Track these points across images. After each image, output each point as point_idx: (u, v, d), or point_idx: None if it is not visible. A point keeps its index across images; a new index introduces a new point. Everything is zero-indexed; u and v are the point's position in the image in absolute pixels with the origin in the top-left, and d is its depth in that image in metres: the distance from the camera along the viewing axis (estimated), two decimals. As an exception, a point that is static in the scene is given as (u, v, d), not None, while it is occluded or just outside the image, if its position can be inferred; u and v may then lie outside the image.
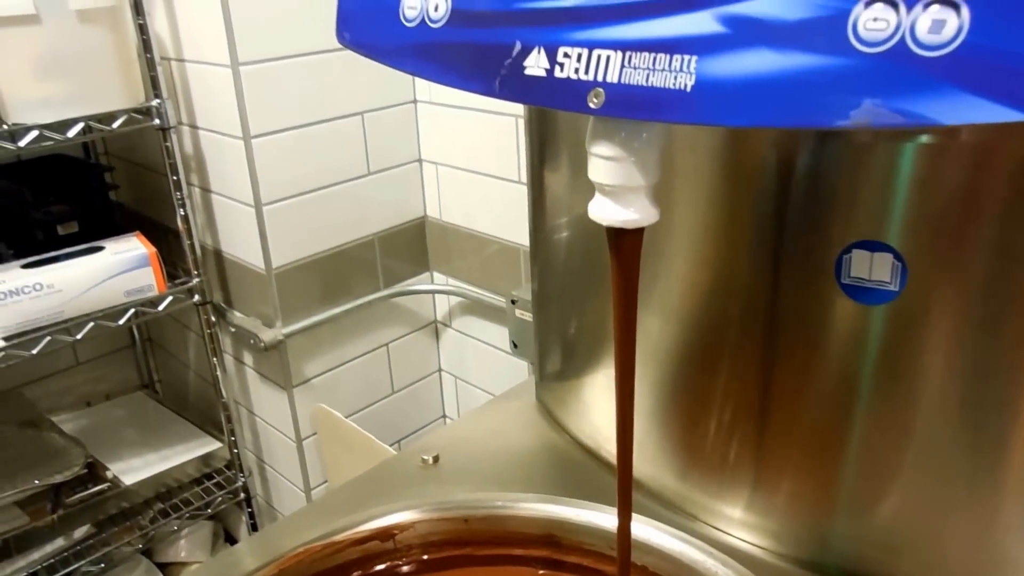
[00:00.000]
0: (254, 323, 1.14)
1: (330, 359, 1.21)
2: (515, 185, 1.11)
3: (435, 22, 0.44)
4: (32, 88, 1.01)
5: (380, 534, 0.57)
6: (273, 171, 1.08)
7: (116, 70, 1.06)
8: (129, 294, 1.09)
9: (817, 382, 0.50)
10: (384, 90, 1.17)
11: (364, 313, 1.22)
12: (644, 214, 0.40)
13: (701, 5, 0.35)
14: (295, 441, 1.21)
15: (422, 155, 1.23)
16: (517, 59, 0.41)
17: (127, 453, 1.27)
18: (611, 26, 0.37)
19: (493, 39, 0.42)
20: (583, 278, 0.63)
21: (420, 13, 0.45)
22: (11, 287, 1.01)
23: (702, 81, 0.35)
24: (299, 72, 1.07)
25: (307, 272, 1.15)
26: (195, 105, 1.13)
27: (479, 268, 1.21)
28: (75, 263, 1.06)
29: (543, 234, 0.67)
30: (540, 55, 0.40)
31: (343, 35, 0.50)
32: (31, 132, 0.98)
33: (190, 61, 1.10)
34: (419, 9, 0.45)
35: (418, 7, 0.45)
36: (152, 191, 1.30)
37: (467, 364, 1.31)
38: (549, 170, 0.65)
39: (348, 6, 0.49)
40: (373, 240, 1.21)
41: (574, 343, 0.66)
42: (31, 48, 0.99)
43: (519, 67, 0.41)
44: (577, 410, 0.67)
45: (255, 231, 1.09)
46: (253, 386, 1.26)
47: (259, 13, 1.02)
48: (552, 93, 0.39)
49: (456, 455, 0.65)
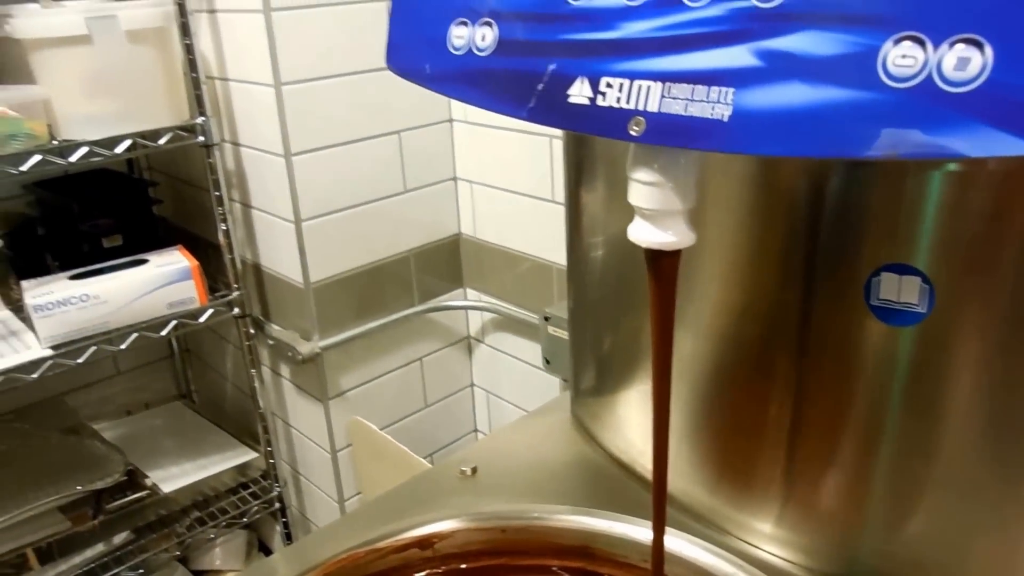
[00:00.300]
0: (292, 336, 1.18)
1: (365, 372, 1.24)
2: (548, 204, 1.13)
3: (482, 51, 0.47)
4: (82, 105, 1.05)
5: (420, 542, 0.59)
6: (312, 188, 1.12)
7: (163, 88, 1.10)
8: (171, 306, 1.13)
9: (846, 400, 0.51)
10: (421, 110, 1.20)
11: (399, 328, 1.25)
12: (681, 237, 0.42)
13: (738, 40, 0.37)
14: (330, 452, 1.24)
15: (457, 173, 1.26)
16: (561, 87, 0.43)
17: (165, 461, 1.31)
18: (652, 58, 0.40)
19: (538, 68, 0.44)
20: (618, 296, 0.66)
21: (467, 43, 0.48)
22: (59, 297, 1.05)
23: (739, 112, 0.37)
24: (339, 92, 1.11)
25: (344, 287, 1.18)
26: (237, 123, 1.17)
27: (512, 285, 1.24)
28: (120, 275, 1.10)
29: (579, 253, 0.69)
30: (583, 84, 0.42)
31: (393, 62, 0.52)
32: (81, 148, 1.03)
33: (234, 80, 1.14)
34: (466, 39, 0.48)
35: (465, 37, 0.48)
36: (193, 206, 1.34)
37: (499, 379, 1.34)
38: (586, 191, 0.68)
39: (398, 35, 0.52)
40: (408, 256, 1.24)
41: (609, 360, 0.69)
42: (82, 67, 1.03)
43: (563, 95, 0.43)
44: (611, 425, 0.68)
45: (294, 246, 1.13)
46: (289, 398, 1.29)
47: (302, 34, 1.06)
48: (594, 121, 0.42)
49: (493, 467, 0.67)
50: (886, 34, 0.33)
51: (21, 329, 1.11)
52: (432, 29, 0.50)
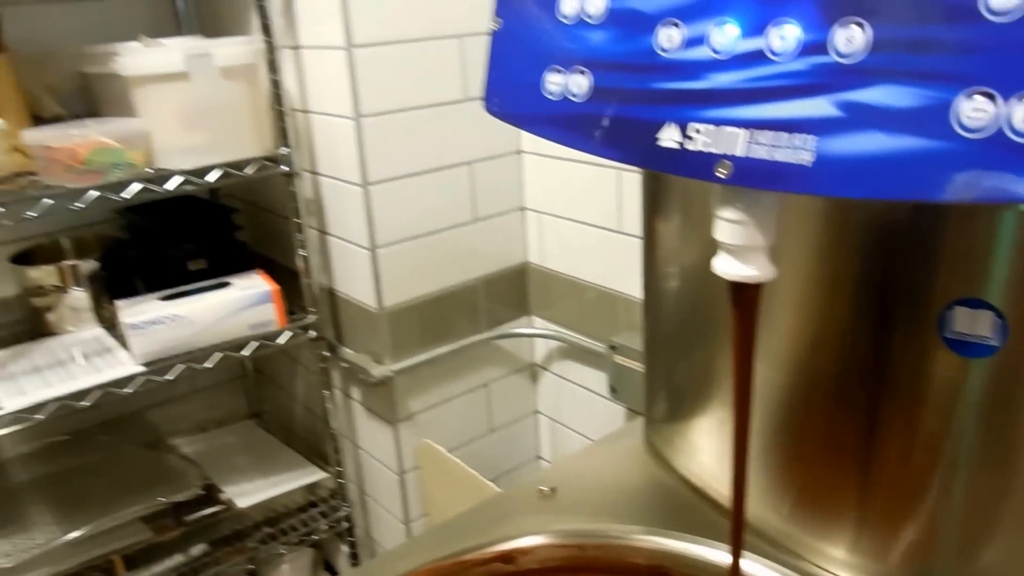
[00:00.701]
0: (364, 359, 1.23)
1: (433, 396, 1.29)
2: (615, 234, 1.17)
3: (576, 97, 0.52)
4: (177, 137, 1.12)
5: (503, 557, 0.63)
6: (388, 216, 1.17)
7: (250, 121, 1.17)
8: (252, 327, 1.19)
9: (920, 428, 0.54)
10: (491, 141, 1.25)
11: (466, 353, 1.30)
12: (763, 271, 0.46)
13: (820, 92, 0.41)
14: (398, 474, 1.29)
15: (525, 203, 1.31)
16: (651, 132, 0.48)
17: (239, 478, 1.37)
18: (738, 107, 0.44)
19: (630, 114, 0.48)
20: (693, 326, 0.69)
21: (562, 89, 0.53)
22: (151, 317, 1.12)
23: (820, 157, 0.41)
24: (415, 124, 1.17)
25: (414, 312, 1.23)
26: (317, 153, 1.24)
27: (577, 313, 1.28)
28: (206, 297, 1.17)
29: (655, 283, 0.73)
30: (673, 130, 0.46)
31: (490, 105, 0.57)
32: (176, 177, 1.10)
33: (315, 112, 1.21)
34: (561, 86, 0.53)
35: (561, 84, 0.53)
36: (270, 231, 1.41)
37: (563, 407, 1.37)
38: (662, 224, 0.72)
39: (496, 80, 0.57)
40: (477, 284, 1.29)
41: (683, 387, 0.72)
42: (179, 101, 1.11)
43: (653, 139, 0.48)
44: (685, 450, 0.72)
45: (369, 272, 1.19)
46: (359, 420, 1.35)
47: (381, 69, 1.12)
48: (683, 163, 0.46)
49: (571, 488, 0.71)
50: (958, 89, 0.37)
51: (114, 346, 1.18)
52: (528, 76, 0.55)
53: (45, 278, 1.24)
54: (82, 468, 1.35)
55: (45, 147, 1.07)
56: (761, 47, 0.43)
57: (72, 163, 1.07)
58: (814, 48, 0.41)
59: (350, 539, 1.40)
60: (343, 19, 1.08)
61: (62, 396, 1.07)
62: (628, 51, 0.49)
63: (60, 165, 1.07)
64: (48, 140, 1.07)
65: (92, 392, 1.08)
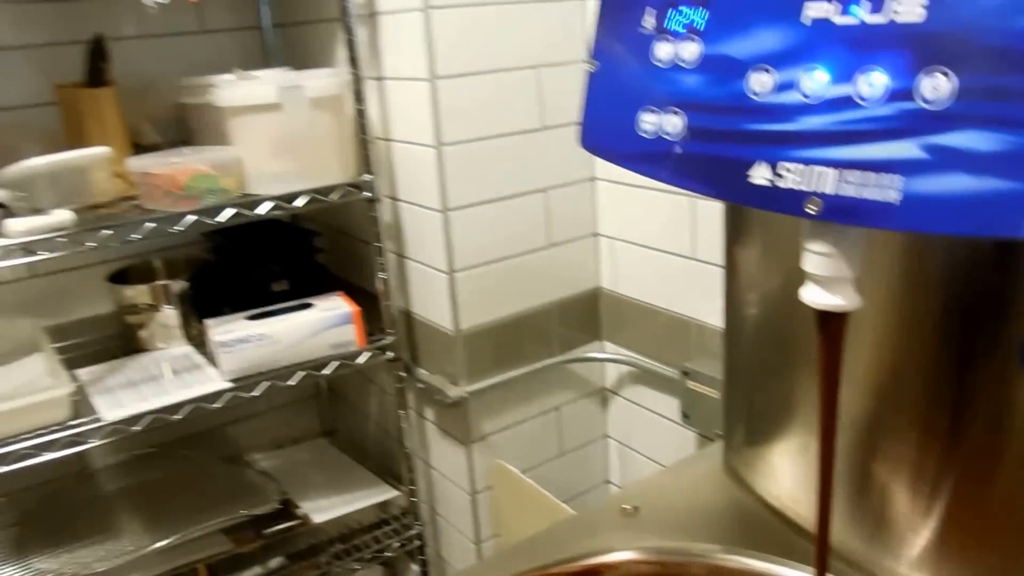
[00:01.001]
0: (440, 380, 1.29)
1: (505, 418, 1.34)
2: (688, 261, 1.21)
3: (670, 136, 0.56)
4: (268, 164, 1.20)
5: (590, 571, 0.67)
6: (466, 241, 1.23)
7: (336, 149, 1.24)
8: (333, 347, 1.25)
9: (1003, 456, 0.57)
10: (566, 169, 1.30)
11: (538, 376, 1.35)
12: (850, 300, 0.50)
13: (907, 135, 0.45)
14: (470, 494, 1.33)
15: (599, 229, 1.35)
16: (743, 170, 0.52)
17: (314, 493, 1.43)
18: (827, 148, 0.48)
19: (723, 153, 0.53)
20: (775, 352, 0.73)
21: (656, 128, 0.57)
22: (239, 335, 1.20)
23: (907, 196, 0.44)
24: (493, 152, 1.23)
25: (489, 335, 1.28)
26: (397, 179, 1.30)
27: (649, 339, 1.31)
28: (290, 317, 1.24)
29: (736, 310, 0.77)
30: (764, 168, 0.50)
31: (586, 141, 0.62)
32: (266, 202, 1.17)
33: (396, 141, 1.28)
34: (656, 125, 0.57)
35: (655, 123, 0.57)
36: (349, 254, 1.48)
37: (633, 431, 1.41)
38: (743, 253, 0.76)
39: (591, 118, 0.62)
40: (550, 308, 1.34)
41: (764, 412, 0.75)
42: (271, 130, 1.19)
43: (744, 176, 0.52)
44: (766, 473, 0.75)
45: (447, 295, 1.24)
46: (432, 440, 1.40)
47: (462, 99, 1.18)
48: (773, 200, 0.50)
49: (653, 507, 0.74)
50: (1039, 134, 0.40)
51: (202, 363, 1.26)
52: (622, 114, 0.60)
53: (139, 297, 1.32)
54: (166, 480, 1.42)
55: (147, 173, 1.15)
56: (850, 93, 0.47)
57: (171, 189, 1.14)
58: (901, 95, 0.45)
59: (421, 558, 1.44)
60: (427, 52, 1.14)
61: (156, 409, 1.14)
62: (721, 94, 0.53)
63: (160, 191, 1.15)
64: (149, 167, 1.15)
65: (184, 406, 1.16)
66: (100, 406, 1.15)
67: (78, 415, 1.13)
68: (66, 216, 1.09)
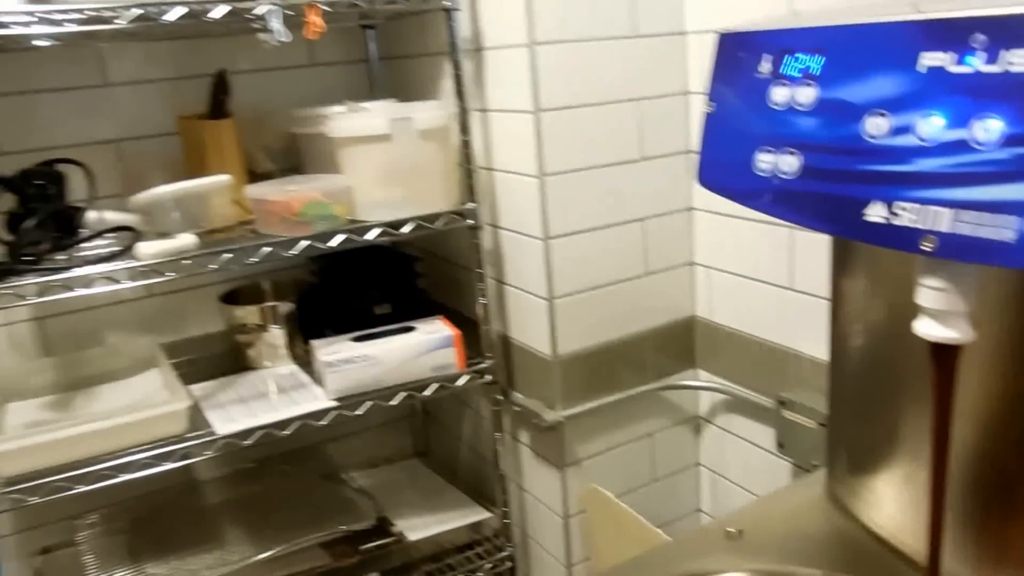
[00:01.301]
0: (537, 404, 1.34)
1: (598, 443, 1.38)
2: (785, 291, 1.23)
3: (786, 175, 0.60)
4: (376, 192, 1.27)
5: (699, 588, 0.71)
6: (565, 268, 1.28)
7: (441, 177, 1.31)
8: (434, 370, 1.32)
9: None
10: (664, 198, 1.35)
11: (631, 402, 1.38)
12: (963, 333, 0.53)
13: (1022, 178, 0.48)
14: (562, 517, 1.38)
15: (694, 258, 1.39)
16: (858, 208, 0.56)
17: (408, 512, 1.49)
18: (943, 189, 0.52)
19: (839, 192, 0.57)
20: (882, 383, 0.75)
21: (772, 167, 0.62)
22: (345, 356, 1.27)
23: (1022, 235, 0.48)
24: (593, 182, 1.28)
25: (585, 361, 1.33)
26: (499, 207, 1.36)
27: (743, 367, 1.34)
28: (393, 340, 1.31)
29: (841, 341, 0.80)
30: (880, 207, 0.54)
31: (703, 179, 0.67)
32: (374, 229, 1.25)
33: (499, 170, 1.34)
34: (772, 164, 0.62)
35: (771, 162, 0.62)
36: (447, 279, 1.55)
37: (726, 460, 1.43)
38: (850, 284, 0.79)
39: (709, 157, 0.67)
40: (645, 335, 1.38)
41: (870, 441, 0.78)
42: (380, 159, 1.26)
43: (860, 214, 0.56)
44: (871, 502, 0.78)
45: (545, 321, 1.30)
46: (525, 462, 1.45)
47: (565, 130, 1.24)
48: (889, 237, 0.54)
49: (757, 531, 0.78)
50: None
51: (308, 382, 1.33)
52: (739, 154, 0.64)
53: (248, 317, 1.41)
54: (267, 494, 1.51)
55: (263, 200, 1.24)
56: (965, 137, 0.51)
57: (286, 215, 1.23)
58: (1016, 140, 0.48)
59: (511, 579, 1.49)
60: (532, 86, 1.21)
61: (267, 424, 1.22)
62: (837, 136, 0.57)
63: (276, 217, 1.23)
64: (266, 194, 1.24)
65: (292, 422, 1.23)
66: (213, 420, 1.23)
67: (194, 428, 1.21)
68: (191, 240, 1.18)
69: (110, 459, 1.14)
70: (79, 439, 1.14)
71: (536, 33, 1.19)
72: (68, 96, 1.41)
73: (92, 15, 1.07)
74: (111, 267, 1.12)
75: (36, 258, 1.14)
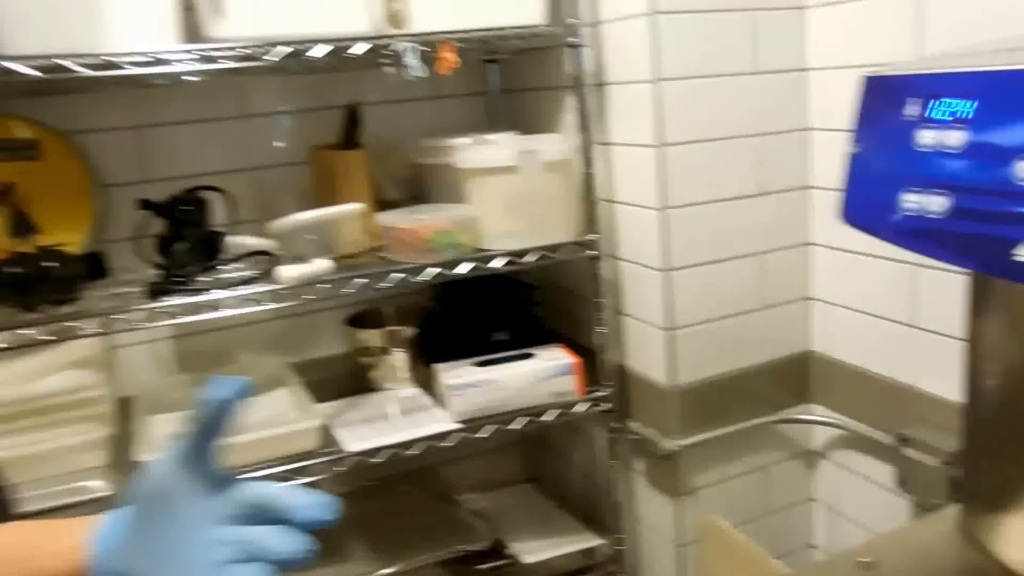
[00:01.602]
0: (654, 433, 1.37)
1: (712, 474, 1.40)
2: (906, 327, 1.24)
3: (934, 214, 0.64)
4: (501, 222, 1.34)
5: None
6: (684, 300, 1.32)
7: (563, 209, 1.37)
8: (554, 396, 1.37)
9: None
10: (782, 233, 1.38)
11: (747, 435, 1.41)
12: (1116, 372, 0.55)
13: None
14: (677, 546, 1.40)
15: (812, 293, 1.41)
16: (1008, 248, 0.59)
17: (522, 535, 1.54)
18: (1096, 231, 0.54)
19: (988, 232, 0.60)
20: (1020, 420, 0.77)
21: (919, 207, 0.65)
22: (468, 380, 1.33)
23: None
24: (713, 216, 1.32)
25: (701, 391, 1.36)
26: (619, 238, 1.41)
27: (860, 403, 1.35)
28: (515, 366, 1.37)
29: (979, 379, 0.82)
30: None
31: (847, 216, 0.71)
32: (500, 257, 1.31)
33: (620, 203, 1.39)
34: (918, 204, 0.65)
35: (918, 202, 0.65)
36: (565, 308, 1.60)
37: (840, 496, 1.44)
38: (989, 324, 0.81)
39: (853, 196, 0.71)
40: (761, 368, 1.40)
41: (1009, 479, 0.80)
42: (507, 190, 1.33)
43: (1008, 254, 0.59)
44: (1008, 538, 0.79)
45: (663, 351, 1.33)
46: (639, 490, 1.48)
47: (686, 164, 1.28)
48: (1040, 276, 0.57)
49: (890, 563, 0.80)
50: None
51: (429, 404, 1.40)
52: (884, 193, 0.68)
53: (372, 340, 1.49)
54: (386, 512, 1.57)
55: (394, 228, 1.32)
56: (1117, 181, 0.54)
57: (416, 243, 1.30)
58: None
59: (622, 606, 1.52)
60: (655, 120, 1.26)
61: (394, 444, 1.29)
62: (986, 178, 0.61)
63: (405, 244, 1.31)
64: (397, 222, 1.32)
65: (418, 443, 1.30)
66: (342, 438, 1.31)
67: (324, 445, 1.29)
68: (326, 265, 1.27)
69: (246, 472, 1.22)
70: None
71: (661, 70, 1.25)
72: (208, 127, 1.52)
73: (246, 53, 1.16)
74: (255, 289, 1.21)
75: (185, 279, 1.25)
